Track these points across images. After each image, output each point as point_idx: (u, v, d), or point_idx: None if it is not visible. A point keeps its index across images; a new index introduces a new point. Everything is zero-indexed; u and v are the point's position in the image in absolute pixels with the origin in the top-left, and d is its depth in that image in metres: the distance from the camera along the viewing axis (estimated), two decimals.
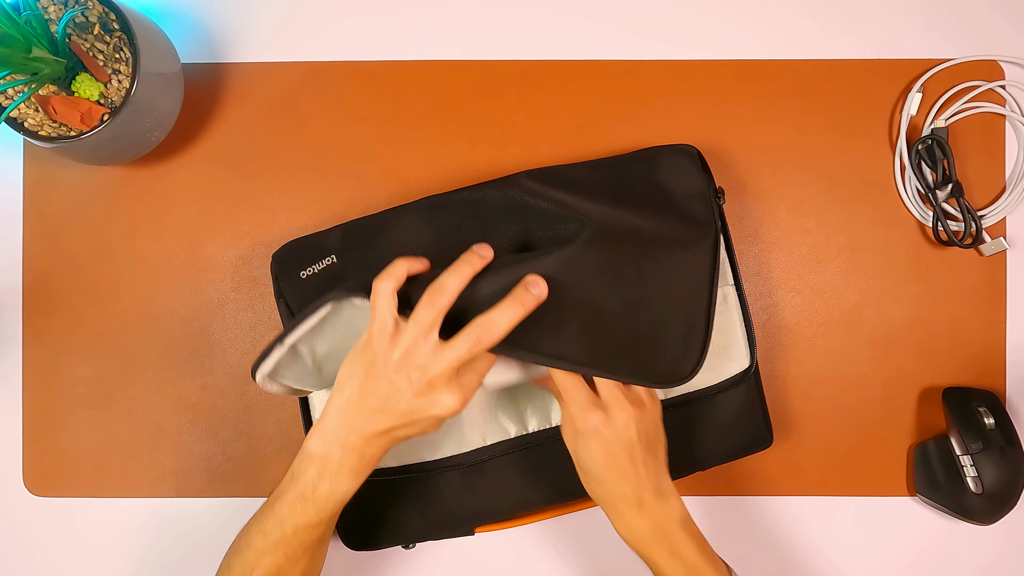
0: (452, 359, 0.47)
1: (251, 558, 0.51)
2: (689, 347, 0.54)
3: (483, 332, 0.47)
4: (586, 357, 0.51)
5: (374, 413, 0.48)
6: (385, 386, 0.47)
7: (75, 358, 0.65)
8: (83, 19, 0.58)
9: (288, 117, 0.65)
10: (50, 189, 0.65)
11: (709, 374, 0.59)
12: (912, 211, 0.65)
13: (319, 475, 0.49)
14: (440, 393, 0.47)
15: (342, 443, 0.49)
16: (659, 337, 0.53)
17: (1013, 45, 0.65)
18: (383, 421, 0.48)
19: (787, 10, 0.65)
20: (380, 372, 0.48)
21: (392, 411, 0.48)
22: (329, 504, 0.50)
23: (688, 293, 0.55)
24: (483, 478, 0.60)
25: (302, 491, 0.50)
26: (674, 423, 0.58)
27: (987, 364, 0.65)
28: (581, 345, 0.51)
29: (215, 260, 0.65)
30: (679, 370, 0.53)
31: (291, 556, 0.51)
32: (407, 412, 0.48)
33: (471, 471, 0.60)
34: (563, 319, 0.50)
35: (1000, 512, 0.61)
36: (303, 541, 0.50)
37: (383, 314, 0.48)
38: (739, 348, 0.60)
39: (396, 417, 0.48)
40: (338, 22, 0.65)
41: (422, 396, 0.47)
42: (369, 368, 0.48)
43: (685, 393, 0.59)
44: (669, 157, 0.59)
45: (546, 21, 0.65)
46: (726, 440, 0.61)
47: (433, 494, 0.60)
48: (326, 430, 0.49)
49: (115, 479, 0.65)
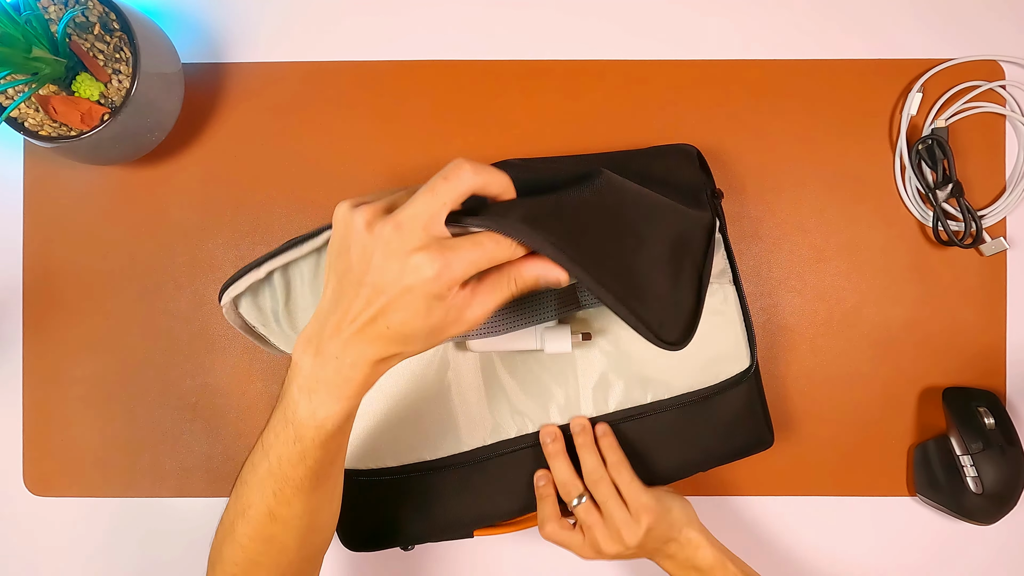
0: (426, 202, 0.39)
1: (243, 494, 0.46)
2: (678, 312, 0.51)
3: (452, 172, 0.39)
4: (591, 268, 0.45)
5: (350, 303, 0.40)
6: (355, 259, 0.40)
7: (75, 358, 0.65)
8: (83, 19, 0.58)
9: (289, 117, 0.65)
10: (50, 189, 0.65)
11: (708, 374, 0.59)
12: (912, 211, 0.65)
13: (299, 391, 0.42)
14: (413, 252, 0.38)
15: (319, 349, 0.41)
16: (648, 284, 0.49)
17: (1013, 45, 0.65)
18: (359, 309, 0.40)
19: (787, 10, 0.65)
20: (351, 244, 0.40)
21: (366, 288, 0.40)
22: (309, 429, 0.42)
23: (684, 261, 0.52)
24: (483, 479, 0.59)
25: (284, 411, 0.43)
26: (674, 424, 0.58)
27: (987, 364, 0.65)
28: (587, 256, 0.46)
29: (216, 260, 0.65)
30: (665, 331, 0.49)
31: (281, 498, 0.44)
32: (380, 286, 0.39)
33: (471, 471, 0.59)
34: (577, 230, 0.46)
35: (1000, 512, 0.61)
36: (291, 479, 0.44)
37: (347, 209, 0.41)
38: (739, 348, 0.59)
39: (371, 297, 0.40)
40: (339, 22, 0.65)
41: (392, 257, 0.38)
42: (339, 251, 0.41)
43: (685, 393, 0.59)
44: (669, 155, 0.60)
45: (547, 21, 0.65)
46: (727, 441, 0.60)
47: (432, 494, 0.59)
48: (307, 335, 0.42)
49: (115, 479, 0.65)
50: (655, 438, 0.59)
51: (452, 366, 0.59)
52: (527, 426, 0.59)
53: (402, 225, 0.39)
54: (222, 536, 0.48)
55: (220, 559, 0.48)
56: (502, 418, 0.59)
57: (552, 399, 0.59)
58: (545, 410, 0.59)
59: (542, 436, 0.58)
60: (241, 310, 0.53)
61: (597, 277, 0.44)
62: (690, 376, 0.59)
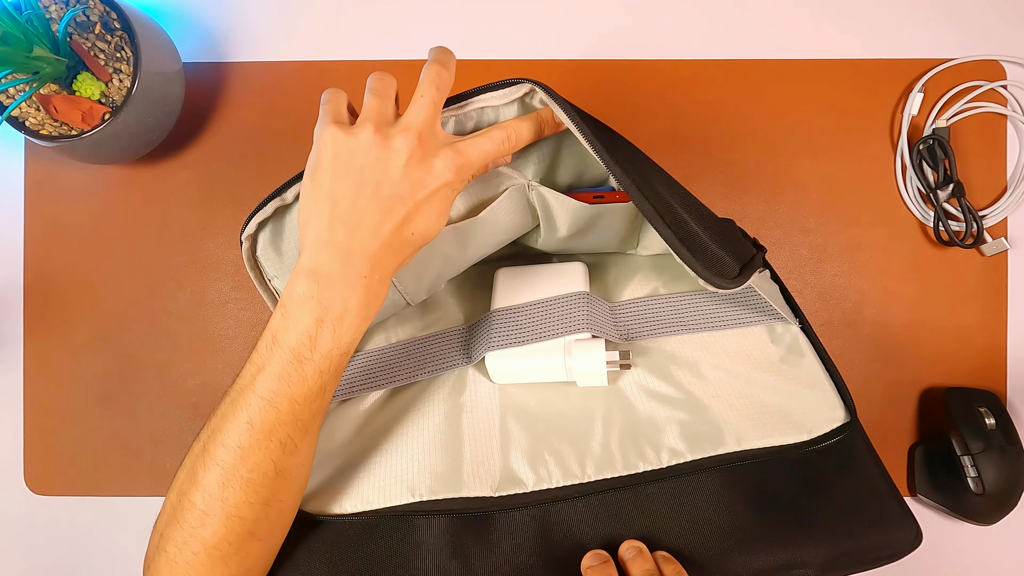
0: (423, 106, 0.40)
1: (232, 462, 0.39)
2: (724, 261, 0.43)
3: (438, 76, 0.41)
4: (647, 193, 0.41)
5: (372, 219, 0.38)
6: (369, 172, 0.38)
7: (76, 357, 0.65)
8: (84, 18, 0.58)
9: (289, 116, 0.65)
10: (51, 188, 0.65)
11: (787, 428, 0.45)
12: (913, 211, 0.65)
13: (316, 323, 0.39)
14: (433, 157, 0.39)
15: (341, 274, 0.38)
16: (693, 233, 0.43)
17: (1015, 45, 0.65)
18: (386, 222, 0.39)
19: (787, 10, 0.65)
20: (357, 154, 0.39)
21: (388, 200, 0.38)
22: (332, 361, 0.39)
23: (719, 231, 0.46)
24: (480, 539, 0.44)
25: (296, 351, 0.39)
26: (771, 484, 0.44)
27: (988, 364, 0.65)
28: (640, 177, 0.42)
29: (216, 259, 0.65)
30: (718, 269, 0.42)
31: (289, 445, 0.40)
32: (406, 193, 0.39)
33: (467, 524, 0.45)
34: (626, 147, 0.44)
35: (1001, 512, 0.61)
36: (303, 420, 0.40)
37: (335, 104, 0.42)
38: (828, 395, 0.47)
39: (396, 207, 0.39)
40: (340, 21, 0.66)
41: (415, 164, 0.39)
42: (340, 158, 0.39)
43: (762, 448, 0.44)
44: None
45: (546, 21, 0.65)
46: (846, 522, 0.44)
47: (418, 545, 0.44)
48: (315, 264, 0.39)
49: (116, 478, 0.65)
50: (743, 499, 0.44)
51: (468, 392, 0.49)
52: (550, 478, 0.45)
53: (411, 131, 0.39)
54: (197, 520, 0.40)
55: (200, 544, 0.40)
56: (517, 466, 0.46)
57: (584, 446, 0.46)
58: (579, 460, 0.46)
59: (585, 561, 0.43)
60: (259, 254, 0.47)
61: (659, 210, 0.40)
62: (765, 426, 0.45)
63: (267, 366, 0.39)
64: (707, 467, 0.44)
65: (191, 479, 0.41)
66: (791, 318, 0.49)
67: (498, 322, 0.49)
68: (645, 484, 0.44)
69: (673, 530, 0.43)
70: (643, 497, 0.44)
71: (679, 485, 0.44)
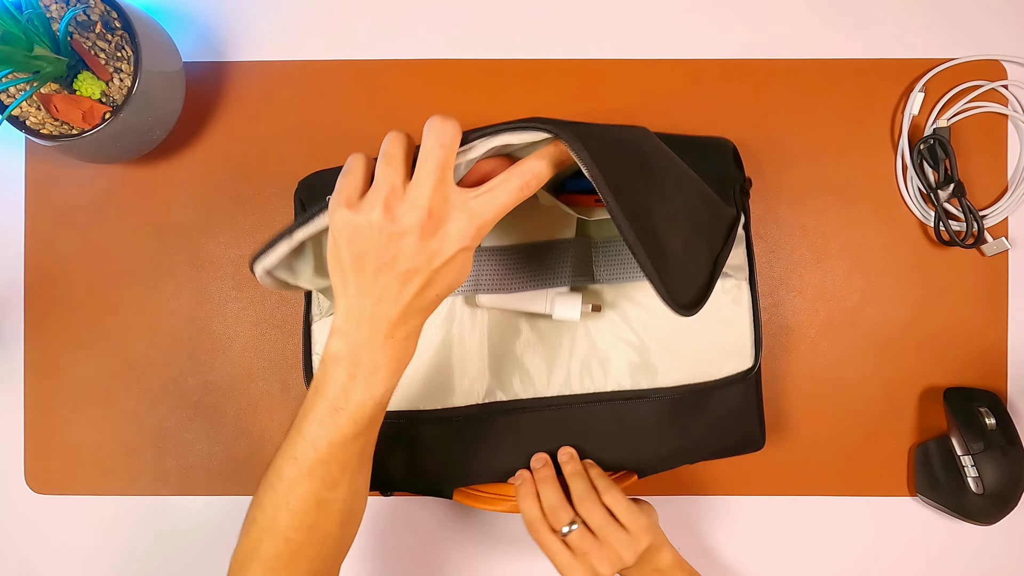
0: (430, 173, 0.40)
1: (283, 489, 0.46)
2: (694, 274, 0.49)
3: (440, 132, 0.40)
4: (624, 201, 0.44)
5: (394, 291, 0.41)
6: (383, 251, 0.40)
7: (77, 356, 0.65)
8: (85, 17, 0.58)
9: (290, 116, 0.65)
10: (52, 187, 0.65)
11: (711, 367, 0.59)
12: (914, 211, 0.65)
13: (350, 378, 0.43)
14: (447, 224, 0.40)
15: (369, 337, 0.42)
16: (668, 244, 0.48)
17: (1016, 45, 0.64)
18: (407, 291, 0.41)
19: (788, 9, 0.65)
20: (369, 236, 0.40)
21: (408, 273, 0.41)
22: (366, 410, 0.44)
23: (702, 233, 0.51)
24: (471, 436, 0.59)
25: (332, 402, 0.44)
26: (670, 412, 0.58)
27: (988, 364, 0.65)
28: (623, 190, 0.44)
29: (217, 258, 0.65)
30: (679, 291, 0.47)
31: (329, 481, 0.45)
32: (423, 264, 0.40)
33: (460, 427, 0.58)
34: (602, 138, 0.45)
35: (1001, 512, 0.61)
36: (341, 461, 0.45)
37: (351, 177, 0.41)
38: (745, 347, 0.59)
39: (415, 278, 0.41)
40: (340, 21, 0.65)
41: (430, 236, 0.40)
42: (355, 240, 0.41)
43: (684, 385, 0.58)
44: (703, 146, 0.60)
45: (547, 20, 0.65)
46: (719, 437, 0.60)
47: (418, 444, 0.59)
48: (346, 327, 0.43)
49: (117, 477, 0.65)
50: (649, 423, 0.58)
51: (458, 321, 0.59)
52: (522, 391, 0.59)
53: (419, 207, 0.40)
54: (257, 534, 0.47)
55: (257, 556, 0.47)
56: (499, 380, 0.59)
57: (552, 369, 0.59)
58: (544, 379, 0.59)
59: (532, 462, 0.58)
60: (279, 274, 0.50)
61: (627, 211, 0.43)
62: (693, 367, 0.58)
63: (310, 413, 0.45)
64: (641, 396, 0.58)
65: (255, 500, 0.48)
66: (743, 276, 0.59)
67: (490, 263, 0.57)
68: (594, 404, 0.58)
69: (610, 440, 0.58)
70: (589, 413, 0.58)
71: (620, 407, 0.58)
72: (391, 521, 0.66)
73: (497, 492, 0.59)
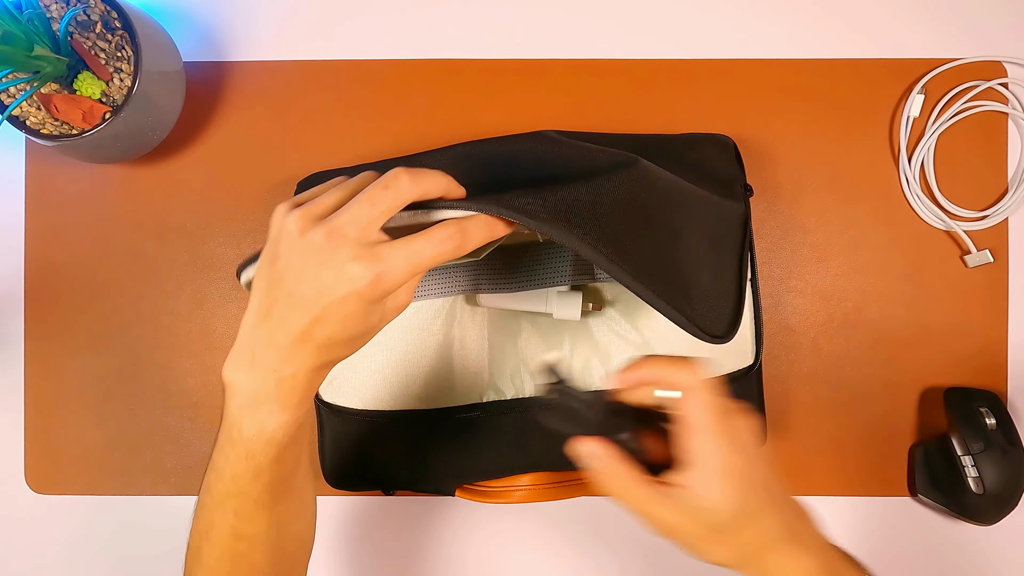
0: (362, 210, 0.37)
1: (203, 518, 0.43)
2: (722, 304, 0.51)
3: (393, 182, 0.37)
4: (609, 250, 0.44)
5: (283, 314, 0.38)
6: (285, 267, 0.37)
7: (77, 356, 0.65)
8: (85, 17, 0.58)
9: (290, 116, 0.65)
10: (52, 187, 0.65)
11: (711, 365, 0.59)
12: (915, 210, 0.65)
13: (239, 409, 0.40)
14: (348, 261, 0.36)
15: (253, 364, 0.39)
16: (690, 278, 0.49)
17: (1017, 46, 0.64)
18: (293, 320, 0.37)
19: (787, 9, 0.65)
20: (280, 252, 0.38)
21: (298, 298, 0.37)
22: (259, 445, 0.40)
23: (723, 249, 0.53)
24: (472, 435, 0.59)
25: (228, 433, 0.41)
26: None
27: (988, 364, 0.65)
28: (604, 238, 0.44)
29: (217, 258, 0.65)
30: (712, 325, 0.48)
31: (242, 514, 0.42)
32: (314, 295, 0.37)
33: (461, 426, 0.58)
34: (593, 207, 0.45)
35: (1001, 512, 0.61)
36: (251, 496, 0.41)
37: (312, 192, 0.40)
38: (746, 344, 0.59)
39: (304, 307, 0.37)
40: (341, 20, 0.65)
41: (325, 265, 0.36)
42: (271, 259, 0.39)
43: None
44: (705, 143, 0.60)
45: (549, 20, 0.65)
46: None
47: (420, 443, 0.59)
48: (237, 352, 0.40)
49: (117, 477, 0.65)
50: None
51: (458, 320, 0.59)
52: (523, 389, 0.59)
53: (335, 232, 0.36)
54: (191, 562, 0.45)
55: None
56: (500, 379, 0.59)
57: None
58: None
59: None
60: None
61: (639, 277, 0.44)
62: None
63: (216, 443, 0.42)
64: None
65: (192, 522, 0.45)
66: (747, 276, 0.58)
67: (490, 262, 0.57)
68: None
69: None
70: None
71: None
72: (392, 520, 0.66)
73: (501, 485, 0.59)
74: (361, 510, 0.66)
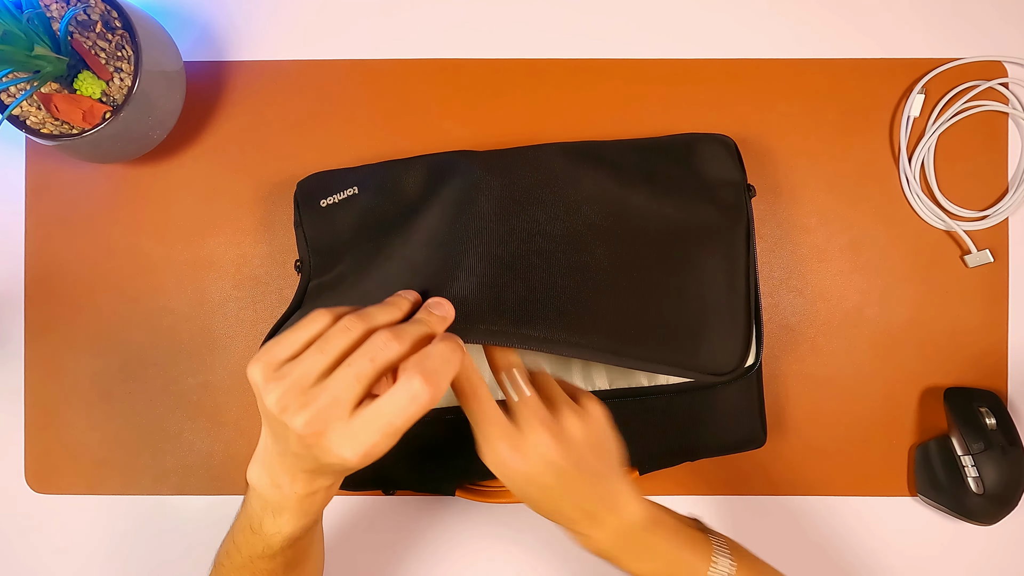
0: (330, 396, 0.38)
1: (223, 575, 0.49)
2: (730, 340, 0.53)
3: (378, 351, 0.39)
4: (609, 344, 0.47)
5: (295, 460, 0.41)
6: (281, 433, 0.40)
7: (77, 356, 0.65)
8: (85, 17, 0.58)
9: (290, 115, 0.65)
10: (52, 187, 0.65)
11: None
12: (916, 210, 0.65)
13: (261, 510, 0.44)
14: (332, 439, 0.38)
15: (272, 480, 0.43)
16: (695, 331, 0.52)
17: (1017, 46, 0.64)
18: (306, 463, 0.41)
19: (787, 9, 0.65)
20: (268, 419, 0.41)
21: (296, 455, 0.40)
22: (277, 540, 0.44)
23: (724, 281, 0.55)
24: (473, 436, 0.59)
25: (249, 522, 0.45)
26: (670, 409, 0.58)
27: (989, 364, 0.65)
28: (601, 333, 0.48)
29: (217, 258, 0.65)
30: (721, 364, 0.51)
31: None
32: (310, 457, 0.40)
33: (462, 426, 0.57)
34: (583, 306, 0.48)
35: (1001, 512, 0.61)
36: (264, 569, 0.46)
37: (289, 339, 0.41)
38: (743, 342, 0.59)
39: (305, 461, 0.40)
40: (341, 20, 0.65)
41: (313, 446, 0.39)
42: (264, 414, 0.41)
43: (685, 382, 0.58)
44: (706, 144, 0.60)
45: (551, 19, 0.65)
46: (720, 434, 0.60)
47: (420, 443, 0.57)
48: (263, 460, 0.43)
49: (117, 476, 0.65)
50: (651, 421, 0.59)
51: None
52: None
53: (318, 419, 0.38)
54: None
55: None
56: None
57: (553, 368, 0.58)
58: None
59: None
60: None
61: (644, 356, 0.48)
62: None
63: (236, 521, 0.47)
64: (643, 394, 0.58)
65: (213, 569, 0.50)
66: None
67: None
68: (615, 399, 0.56)
69: None
70: None
71: (622, 405, 0.55)
72: (392, 520, 0.66)
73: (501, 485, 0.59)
74: (361, 510, 0.66)
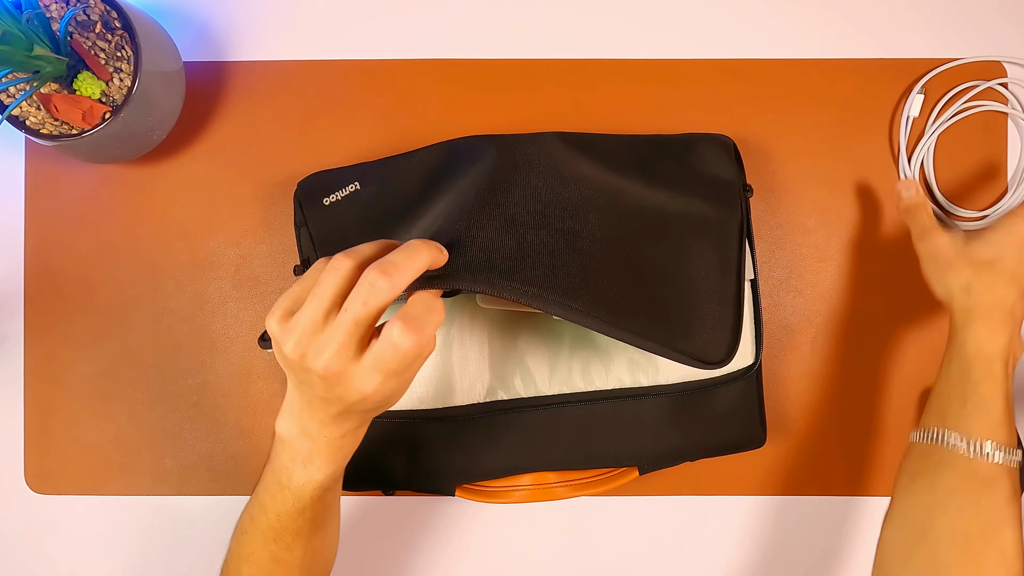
0: (336, 341, 0.39)
1: (245, 543, 0.49)
2: (719, 330, 0.53)
3: (368, 293, 0.38)
4: (601, 313, 0.47)
5: (322, 405, 0.43)
6: (304, 381, 0.42)
7: (77, 356, 0.65)
8: (85, 17, 0.58)
9: (290, 116, 0.65)
10: (52, 187, 0.65)
11: None
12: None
13: (291, 461, 0.45)
14: (351, 377, 0.40)
15: (303, 429, 0.44)
16: (686, 314, 0.52)
17: (1017, 46, 0.64)
18: (333, 407, 0.42)
19: (787, 9, 0.65)
20: (291, 369, 0.42)
21: (329, 401, 0.42)
22: (307, 491, 0.46)
23: (716, 272, 0.55)
24: (472, 435, 0.59)
25: (277, 477, 0.46)
26: (670, 409, 0.58)
27: None
28: (594, 301, 0.48)
29: (216, 258, 0.65)
30: (710, 353, 0.52)
31: (282, 543, 0.48)
32: (335, 399, 0.41)
33: (461, 426, 0.59)
34: (577, 269, 0.48)
35: None
36: (290, 528, 0.47)
37: (299, 289, 0.42)
38: (746, 344, 0.59)
39: (331, 404, 0.42)
40: (341, 20, 0.65)
41: (336, 385, 0.40)
42: (286, 365, 0.42)
43: (685, 382, 0.59)
44: (705, 144, 0.61)
45: (552, 20, 0.65)
46: (720, 434, 0.60)
47: (419, 443, 0.59)
48: (291, 411, 0.44)
49: (116, 477, 0.65)
50: (651, 421, 0.59)
51: (458, 320, 0.59)
52: (523, 390, 0.59)
53: (323, 356, 0.39)
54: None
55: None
56: (500, 379, 0.59)
57: (553, 367, 0.59)
58: (545, 378, 0.59)
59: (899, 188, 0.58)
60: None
61: (639, 332, 0.48)
62: None
63: (262, 481, 0.48)
64: (643, 394, 0.58)
65: (232, 540, 0.51)
66: (748, 275, 0.60)
67: None
68: (595, 402, 0.58)
69: (611, 438, 0.59)
70: (591, 411, 0.59)
71: (621, 405, 0.58)
72: (392, 520, 0.66)
73: (501, 485, 0.59)
74: (361, 510, 0.66)
